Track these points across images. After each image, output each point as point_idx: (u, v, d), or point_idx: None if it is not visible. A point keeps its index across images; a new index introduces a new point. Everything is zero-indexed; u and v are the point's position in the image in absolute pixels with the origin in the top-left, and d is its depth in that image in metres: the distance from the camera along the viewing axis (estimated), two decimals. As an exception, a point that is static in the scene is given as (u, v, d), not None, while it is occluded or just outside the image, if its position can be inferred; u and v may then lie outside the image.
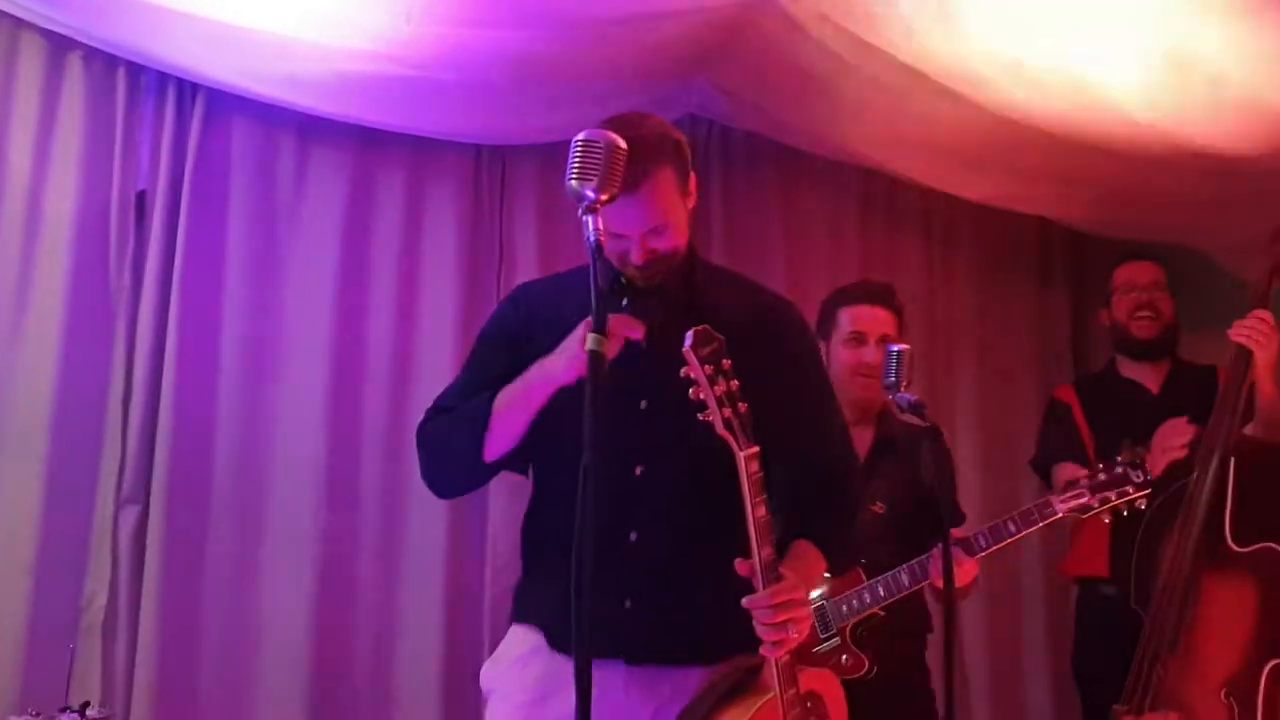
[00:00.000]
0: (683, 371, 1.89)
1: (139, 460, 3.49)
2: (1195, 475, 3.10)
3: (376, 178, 3.90)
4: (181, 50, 3.47)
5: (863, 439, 3.18)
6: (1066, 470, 3.42)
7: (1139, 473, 2.86)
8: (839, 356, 3.20)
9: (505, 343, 2.17)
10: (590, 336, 1.68)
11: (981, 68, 3.08)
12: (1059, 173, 3.61)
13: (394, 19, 3.13)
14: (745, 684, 2.06)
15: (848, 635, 3.01)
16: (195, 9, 3.17)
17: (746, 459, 1.91)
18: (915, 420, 2.72)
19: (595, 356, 1.67)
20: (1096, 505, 2.88)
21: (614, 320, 1.83)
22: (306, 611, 3.59)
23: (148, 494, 3.48)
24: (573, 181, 1.76)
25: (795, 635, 1.94)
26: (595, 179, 1.75)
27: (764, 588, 1.91)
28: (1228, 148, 3.17)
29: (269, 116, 3.75)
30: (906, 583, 2.95)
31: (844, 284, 3.35)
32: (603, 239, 1.80)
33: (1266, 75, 2.84)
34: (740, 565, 1.93)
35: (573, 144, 1.78)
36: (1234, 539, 3.01)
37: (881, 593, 2.97)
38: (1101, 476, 2.89)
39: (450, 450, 2.11)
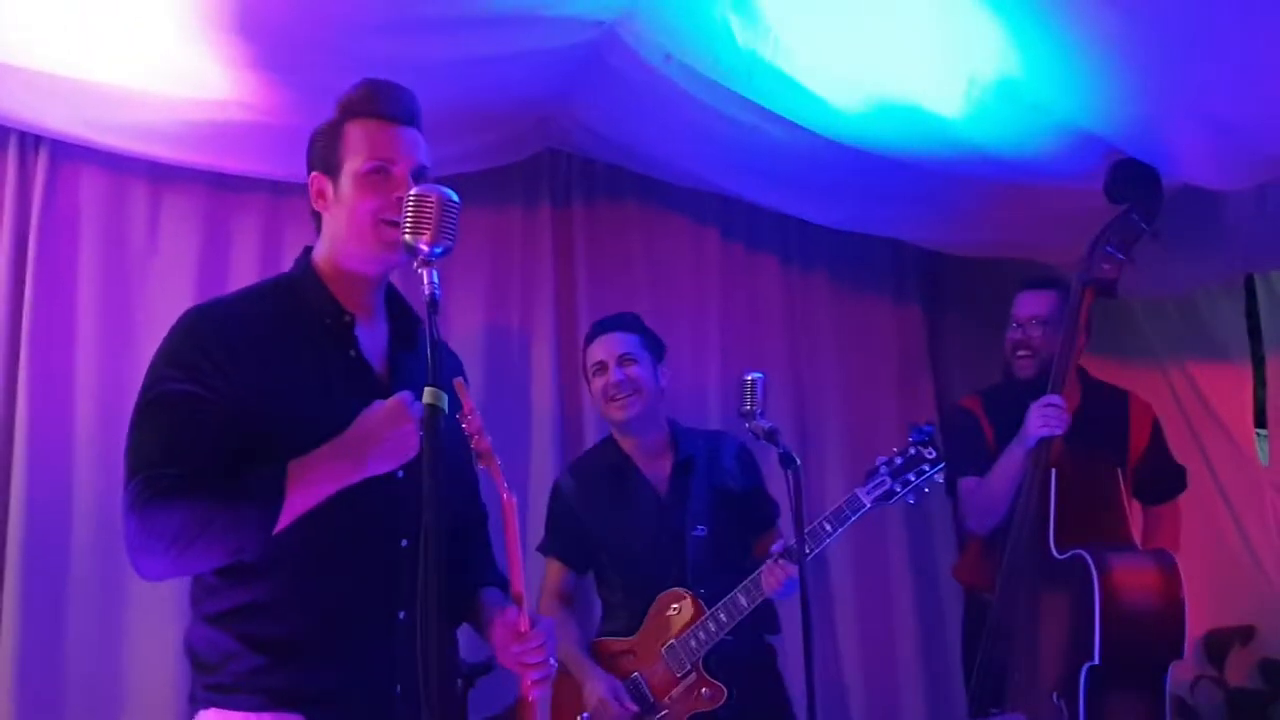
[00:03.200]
0: (465, 421, 1.90)
1: (-7, 523, 3.39)
2: (1018, 509, 3.23)
3: (232, 223, 3.87)
4: (20, 102, 3.40)
5: (663, 465, 3.27)
6: (969, 484, 3.49)
7: (930, 449, 2.94)
8: (593, 391, 3.31)
9: (214, 386, 1.89)
10: (427, 390, 1.68)
11: (821, 100, 3.16)
12: (903, 196, 3.71)
13: (233, 69, 3.11)
14: None
15: (701, 668, 3.06)
16: (30, 63, 3.13)
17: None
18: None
19: (433, 411, 1.67)
20: (900, 490, 2.95)
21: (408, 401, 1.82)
22: (173, 676, 3.46)
23: (3, 560, 3.39)
24: (406, 236, 1.76)
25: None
26: (428, 233, 1.75)
27: (529, 628, 1.95)
28: (1051, 170, 3.30)
29: (118, 166, 3.70)
30: (745, 603, 2.99)
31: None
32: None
33: (1081, 102, 2.96)
34: (510, 611, 1.97)
35: (405, 199, 1.78)
36: (1055, 547, 3.14)
37: (724, 618, 3.01)
38: (898, 461, 2.96)
39: (228, 524, 1.83)
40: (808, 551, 2.90)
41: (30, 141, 3.62)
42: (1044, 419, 3.17)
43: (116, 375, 3.61)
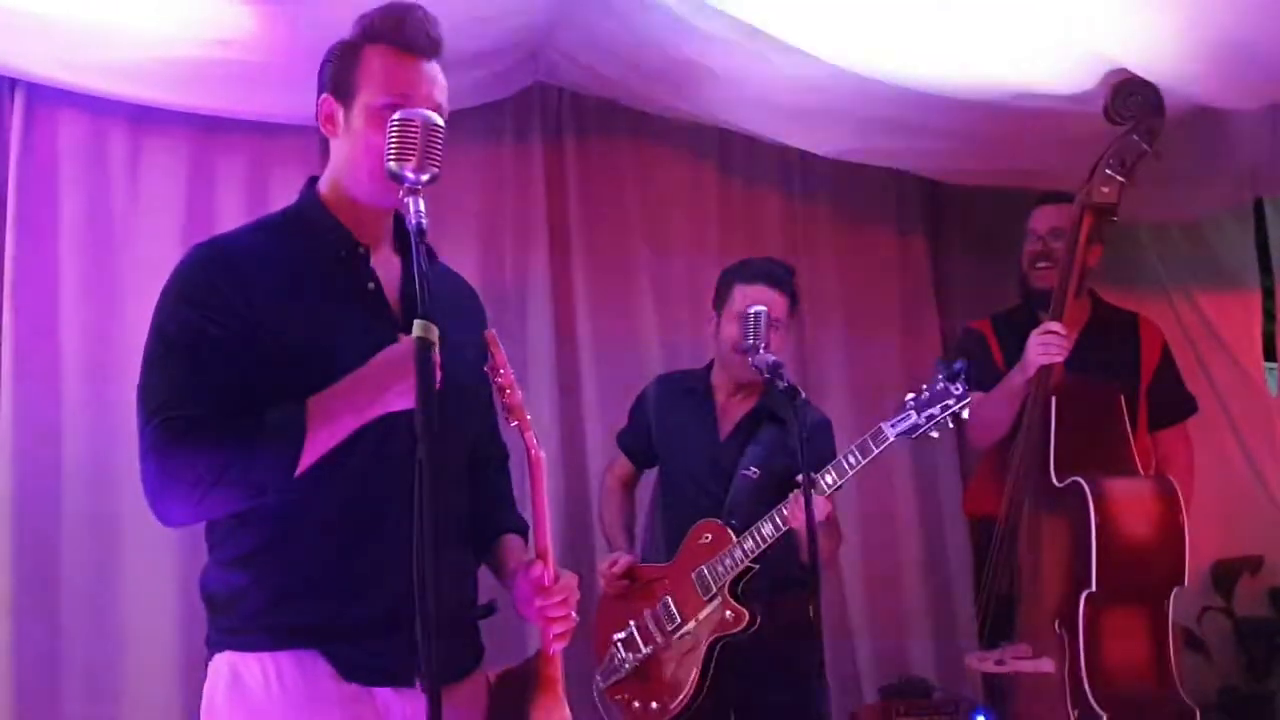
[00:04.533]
0: (498, 375, 1.90)
1: (-21, 477, 3.34)
2: (1020, 438, 3.21)
3: (217, 165, 3.78)
4: (-6, 44, 3.30)
5: (742, 406, 3.36)
6: (974, 399, 3.45)
7: (957, 385, 2.91)
8: (728, 332, 3.26)
9: (229, 322, 1.82)
10: (417, 323, 1.61)
11: (819, 22, 3.07)
12: (903, 123, 3.62)
13: (214, 3, 3.02)
14: (534, 677, 2.02)
15: (726, 593, 3.15)
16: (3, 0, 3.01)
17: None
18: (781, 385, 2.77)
19: (424, 344, 1.60)
20: (924, 423, 2.93)
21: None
22: (172, 622, 3.46)
23: (-8, 511, 3.34)
24: (391, 163, 1.69)
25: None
26: (413, 159, 1.68)
27: (553, 581, 1.94)
28: (1068, 90, 3.21)
29: (97, 108, 3.60)
30: (770, 531, 3.08)
31: (747, 258, 3.46)
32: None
33: (1106, 19, 2.87)
34: (536, 566, 1.95)
35: (389, 123, 1.71)
36: (1055, 475, 3.10)
37: (750, 545, 3.10)
38: (925, 395, 2.94)
39: (251, 464, 1.79)
40: (833, 483, 3.02)
41: (5, 84, 3.52)
42: (1044, 346, 3.14)
43: (102, 320, 3.54)
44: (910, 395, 2.98)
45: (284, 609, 1.86)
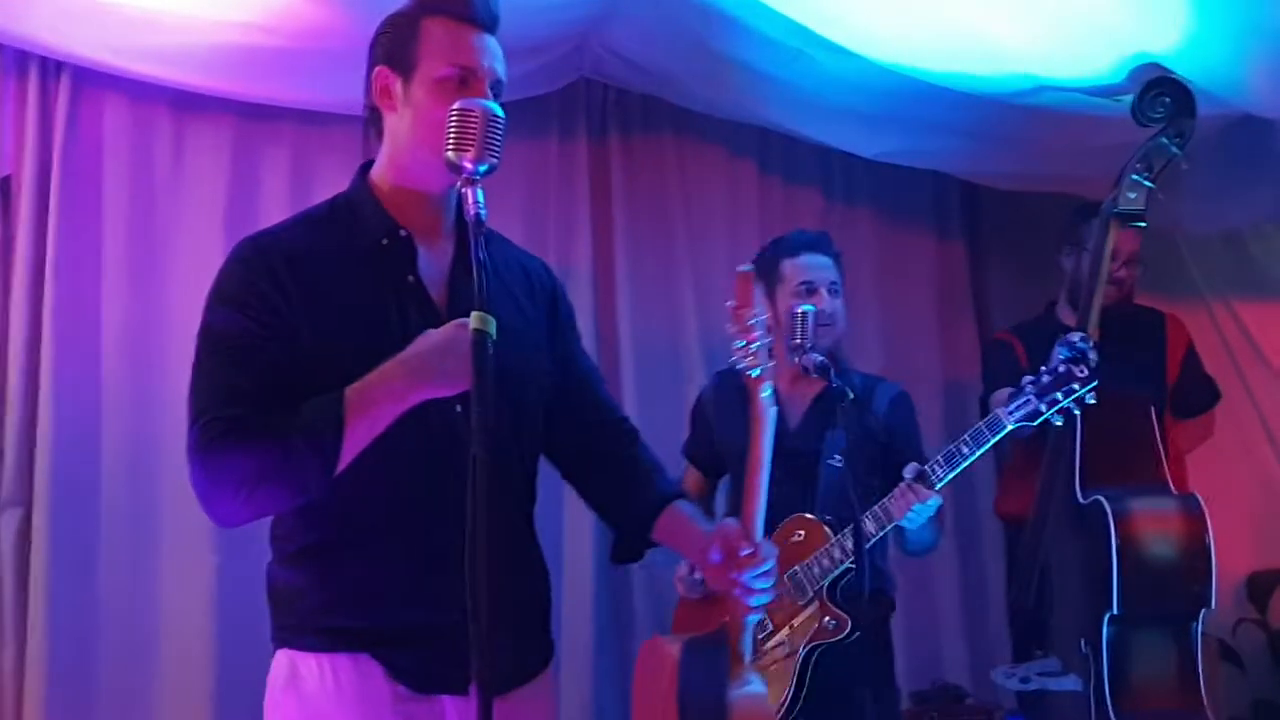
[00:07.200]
0: None
1: (19, 460, 3.35)
2: (1050, 443, 3.13)
3: (259, 153, 3.77)
4: (41, 26, 3.29)
5: (809, 390, 3.14)
6: (1000, 395, 3.38)
7: (1082, 367, 2.69)
8: (783, 307, 3.04)
9: (270, 320, 1.80)
10: (474, 315, 1.58)
11: (869, 22, 3.05)
12: (948, 126, 3.61)
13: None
14: (724, 648, 1.97)
15: (824, 597, 2.93)
16: (52, -16, 3.03)
17: None
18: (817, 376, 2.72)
19: (481, 336, 1.57)
20: (1045, 409, 2.71)
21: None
22: (208, 610, 3.47)
23: (30, 495, 3.35)
24: (450, 153, 1.67)
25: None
26: (472, 149, 1.66)
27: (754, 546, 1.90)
28: (1109, 91, 3.19)
29: (141, 93, 3.59)
30: (872, 529, 2.84)
31: (778, 238, 3.28)
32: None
33: (1153, 25, 2.84)
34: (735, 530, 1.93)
35: (448, 114, 1.69)
36: (1081, 491, 3.04)
37: (850, 545, 2.86)
38: (1045, 379, 2.73)
39: (289, 462, 1.74)
40: (944, 475, 2.80)
41: (51, 68, 3.51)
42: None
43: (143, 304, 3.55)
44: (1028, 378, 2.76)
45: (338, 612, 1.83)
